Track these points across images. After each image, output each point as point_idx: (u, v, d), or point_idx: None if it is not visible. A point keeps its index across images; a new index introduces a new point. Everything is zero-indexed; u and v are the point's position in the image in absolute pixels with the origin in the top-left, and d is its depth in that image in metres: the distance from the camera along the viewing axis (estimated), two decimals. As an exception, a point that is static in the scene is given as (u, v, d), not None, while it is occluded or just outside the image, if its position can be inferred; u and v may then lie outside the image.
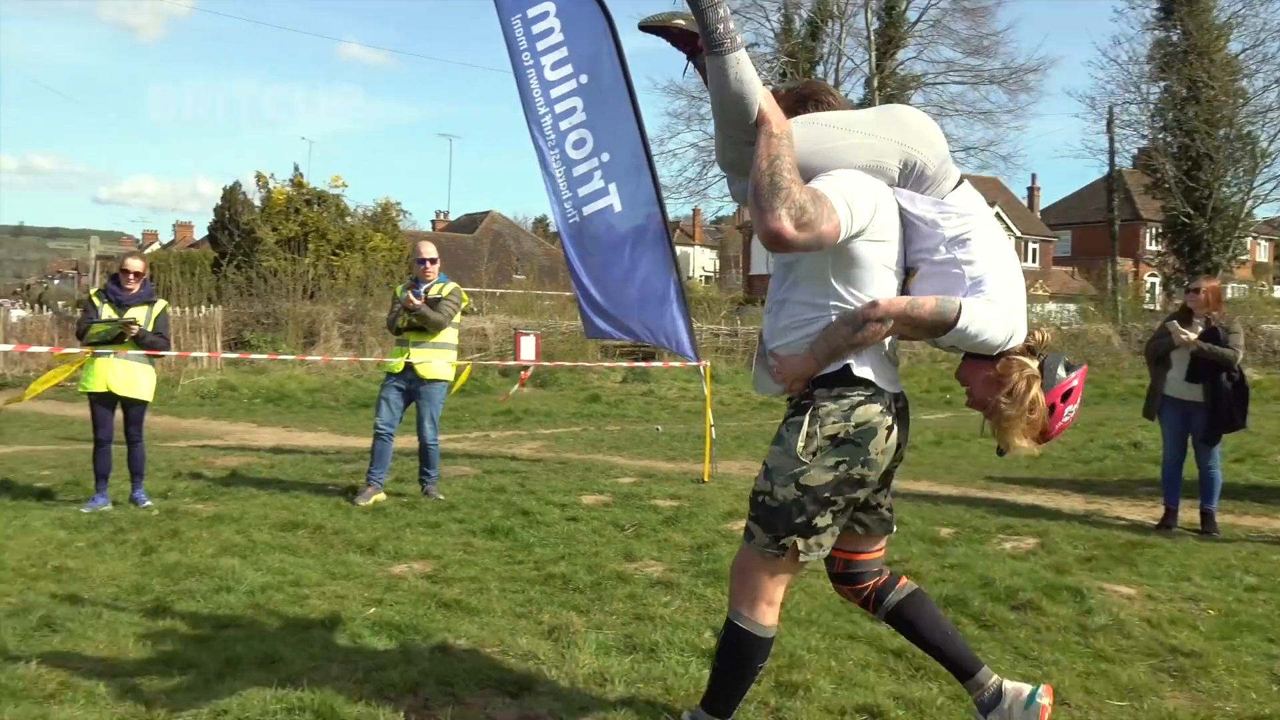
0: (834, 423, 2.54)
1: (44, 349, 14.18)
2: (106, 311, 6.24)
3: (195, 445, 10.14)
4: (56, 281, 75.35)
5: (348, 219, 30.61)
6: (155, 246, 55.68)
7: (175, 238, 63.05)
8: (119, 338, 6.15)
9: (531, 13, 7.61)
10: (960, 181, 2.62)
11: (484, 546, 5.46)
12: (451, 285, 6.86)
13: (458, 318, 6.91)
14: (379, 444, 6.64)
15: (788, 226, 2.32)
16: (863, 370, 2.56)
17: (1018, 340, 2.59)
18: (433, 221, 47.23)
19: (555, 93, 7.67)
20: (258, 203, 30.26)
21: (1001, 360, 2.59)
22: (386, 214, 32.21)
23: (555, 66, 7.63)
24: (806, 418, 2.56)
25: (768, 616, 2.63)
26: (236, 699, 3.15)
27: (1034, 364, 2.60)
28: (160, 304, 6.43)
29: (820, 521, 2.55)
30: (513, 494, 6.91)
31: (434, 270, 6.85)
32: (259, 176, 30.28)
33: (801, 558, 2.57)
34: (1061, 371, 2.60)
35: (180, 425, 12.25)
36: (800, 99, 2.70)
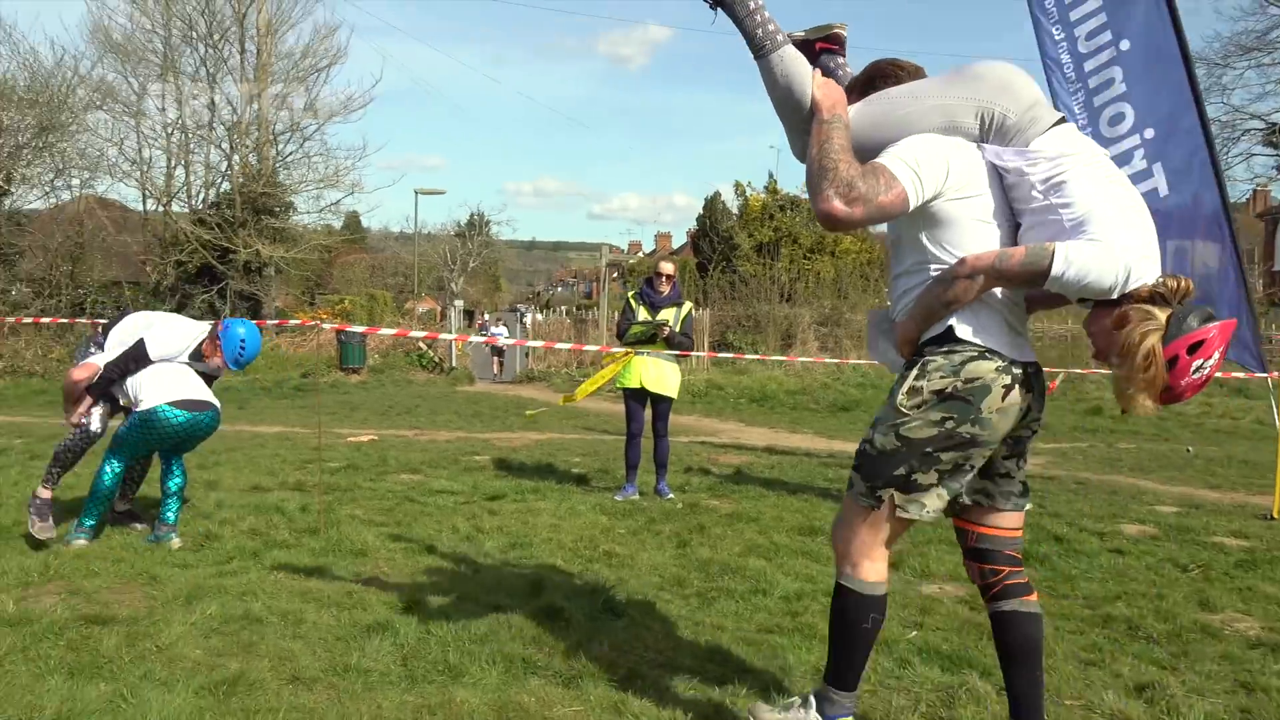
0: (941, 377, 2.47)
1: (565, 345, 15.98)
2: (642, 313, 6.67)
3: (695, 441, 10.68)
4: (560, 289, 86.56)
5: (818, 223, 31.04)
6: (640, 255, 61.18)
7: (656, 247, 69.15)
8: (652, 338, 6.54)
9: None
10: (1058, 123, 2.50)
11: (1020, 573, 4.91)
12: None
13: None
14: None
15: (838, 205, 2.37)
16: (964, 331, 2.48)
17: (1138, 281, 2.35)
18: (898, 223, 46.35)
19: (1090, 65, 6.81)
20: (735, 210, 31.92)
21: (1120, 308, 2.36)
22: None
23: (1091, 36, 6.78)
24: (914, 371, 2.52)
25: (871, 573, 2.58)
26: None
27: (1161, 314, 2.33)
28: (687, 306, 6.75)
29: (922, 478, 2.49)
30: (1038, 515, 6.24)
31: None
32: (737, 185, 31.85)
33: (899, 513, 2.53)
34: (1193, 322, 2.30)
35: (679, 421, 13.08)
36: (869, 80, 2.74)
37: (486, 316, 39.30)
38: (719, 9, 2.69)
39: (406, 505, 6.35)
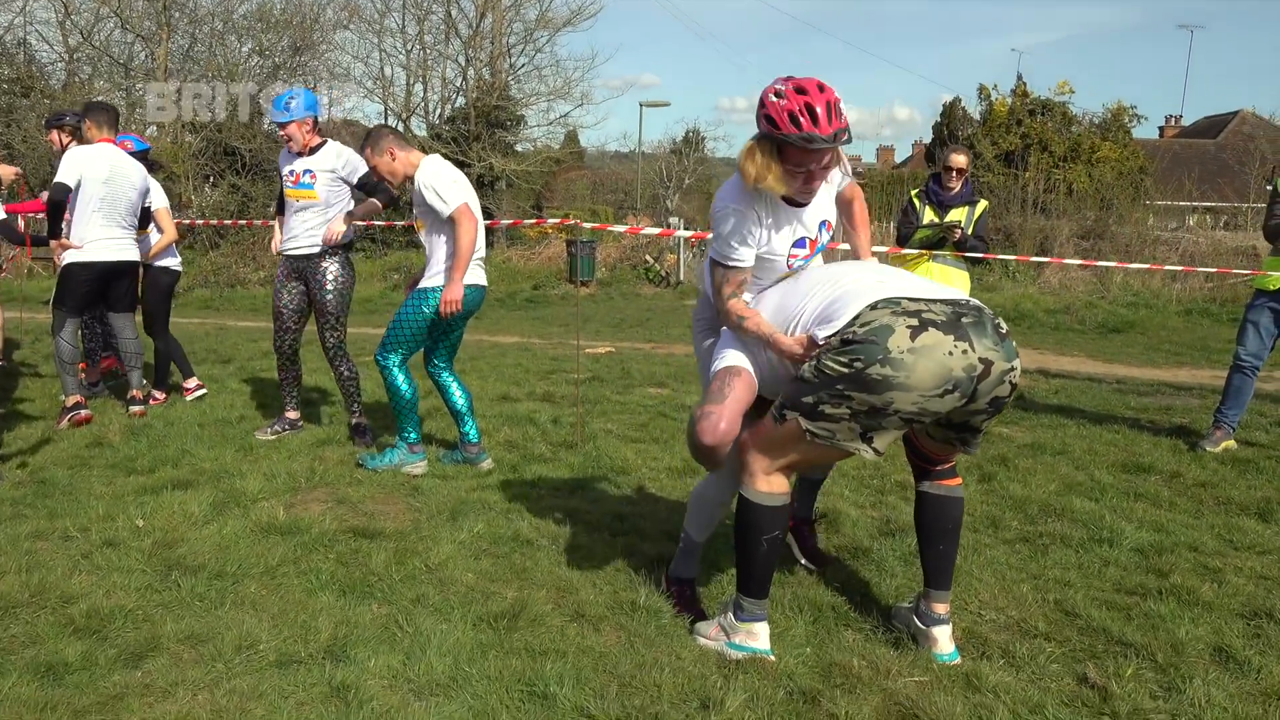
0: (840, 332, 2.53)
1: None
2: (928, 214, 5.84)
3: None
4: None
5: (1074, 128, 28.25)
6: (862, 167, 58.55)
7: (878, 161, 66.04)
8: (940, 241, 5.71)
9: None
10: None
11: None
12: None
13: None
14: (1239, 379, 5.26)
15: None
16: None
17: None
18: (1161, 128, 41.63)
19: None
20: (978, 117, 29.48)
21: None
22: (1118, 119, 29.01)
23: None
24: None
25: (767, 485, 2.68)
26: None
27: None
28: (981, 204, 5.84)
29: (830, 409, 2.50)
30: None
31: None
32: (981, 89, 29.37)
33: (808, 437, 2.55)
34: None
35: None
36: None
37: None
38: None
39: (660, 421, 5.92)
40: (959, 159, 5.87)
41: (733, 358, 2.80)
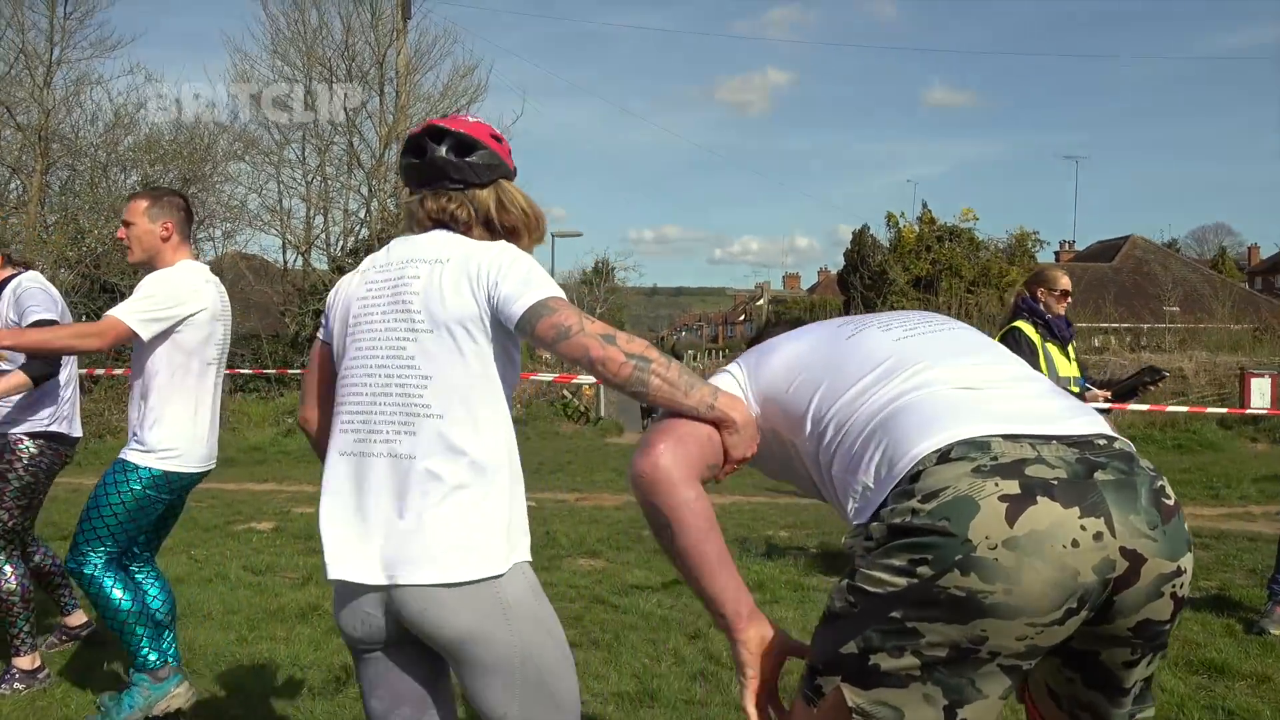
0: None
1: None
2: (1055, 354, 4.71)
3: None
4: (683, 333, 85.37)
5: (980, 253, 28.81)
6: (763, 300, 59.46)
7: (785, 287, 67.29)
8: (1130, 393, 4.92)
9: None
10: None
11: None
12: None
13: None
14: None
15: None
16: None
17: None
18: (1056, 253, 43.20)
19: None
20: (886, 244, 29.87)
21: None
22: (1021, 244, 29.78)
23: None
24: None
25: None
26: None
27: None
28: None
29: (888, 663, 1.39)
30: None
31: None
32: (889, 216, 29.93)
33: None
34: None
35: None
36: None
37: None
38: None
39: (599, 612, 4.78)
40: (1066, 280, 4.74)
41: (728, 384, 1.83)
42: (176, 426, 3.14)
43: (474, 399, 1.81)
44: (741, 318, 68.90)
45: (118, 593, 3.15)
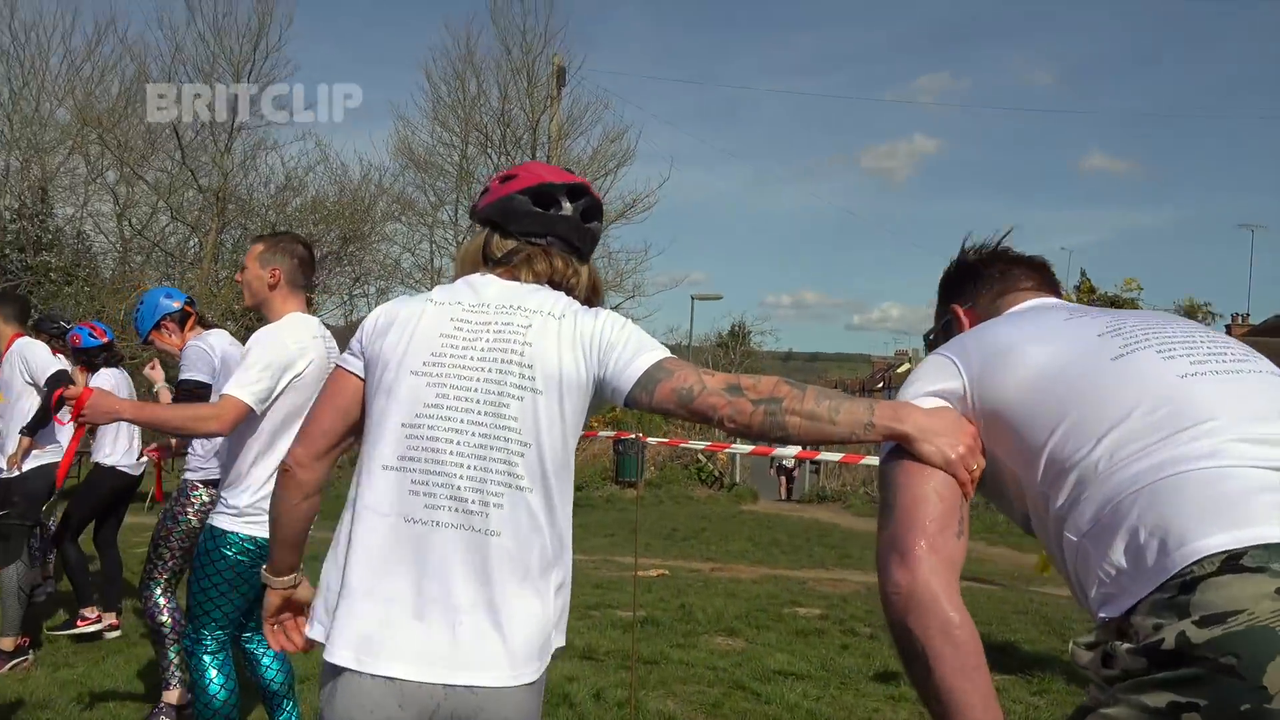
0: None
1: (872, 460, 13.84)
2: None
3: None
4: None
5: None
6: (906, 365, 58.08)
7: (925, 353, 65.40)
8: None
9: None
10: None
11: None
12: None
13: None
14: None
15: None
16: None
17: None
18: (1228, 325, 40.41)
19: None
20: (1040, 313, 28.59)
21: None
22: (1192, 316, 27.95)
23: None
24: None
25: None
26: None
27: None
28: None
29: None
30: None
31: None
32: (1042, 285, 28.63)
33: None
34: None
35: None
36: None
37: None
38: None
39: (738, 698, 4.47)
40: None
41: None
42: (268, 488, 2.93)
43: (561, 473, 1.62)
44: (879, 385, 67.34)
45: (215, 685, 2.95)
